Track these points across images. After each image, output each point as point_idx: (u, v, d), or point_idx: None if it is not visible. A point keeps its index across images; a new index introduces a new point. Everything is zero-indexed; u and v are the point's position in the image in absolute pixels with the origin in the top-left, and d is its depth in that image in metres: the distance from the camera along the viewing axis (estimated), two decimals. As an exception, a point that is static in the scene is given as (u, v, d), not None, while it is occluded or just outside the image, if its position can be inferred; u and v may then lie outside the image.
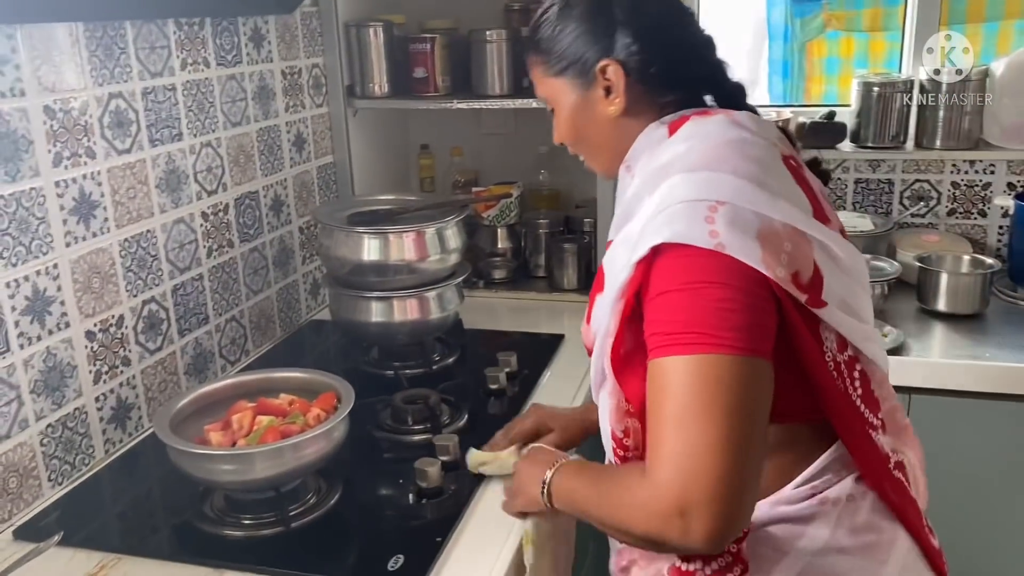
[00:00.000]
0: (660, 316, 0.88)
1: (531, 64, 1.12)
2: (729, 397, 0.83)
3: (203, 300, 1.64)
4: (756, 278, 0.86)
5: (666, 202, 0.91)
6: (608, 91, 1.05)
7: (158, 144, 1.49)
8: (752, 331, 0.85)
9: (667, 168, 0.96)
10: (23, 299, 1.24)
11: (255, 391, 1.33)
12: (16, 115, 1.21)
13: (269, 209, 1.83)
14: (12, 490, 1.24)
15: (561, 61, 1.07)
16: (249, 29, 1.73)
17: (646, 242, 0.90)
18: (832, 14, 2.87)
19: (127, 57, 1.41)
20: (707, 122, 1.00)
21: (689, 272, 0.87)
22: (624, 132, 1.06)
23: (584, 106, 1.08)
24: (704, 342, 0.84)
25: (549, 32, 1.08)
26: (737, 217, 0.88)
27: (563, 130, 1.12)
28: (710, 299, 0.85)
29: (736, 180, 0.91)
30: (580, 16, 1.06)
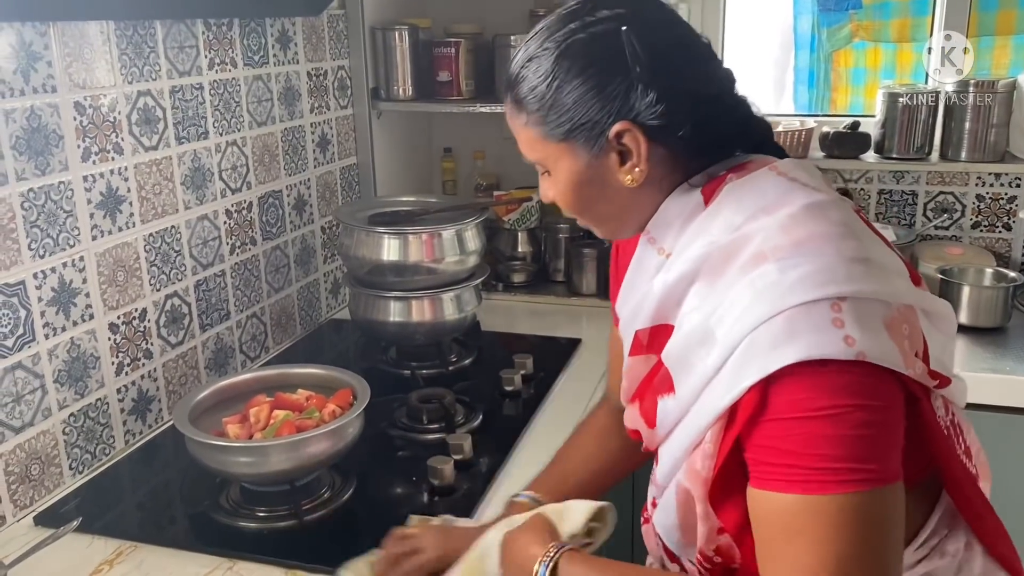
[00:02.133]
0: (789, 446, 0.75)
1: (517, 122, 0.92)
2: (882, 534, 0.75)
3: (225, 296, 1.66)
4: (893, 383, 0.77)
5: (772, 305, 0.76)
6: (623, 157, 0.88)
7: (184, 142, 1.52)
8: (893, 454, 0.76)
9: (730, 251, 0.82)
10: (50, 290, 1.27)
11: (273, 386, 1.35)
12: (47, 110, 1.24)
13: (292, 208, 1.85)
14: (34, 477, 1.26)
15: (563, 125, 0.88)
16: (276, 30, 1.76)
17: (766, 363, 0.76)
18: (859, 24, 2.86)
19: (156, 56, 1.44)
20: (753, 182, 0.86)
21: (827, 394, 0.74)
22: (642, 201, 0.91)
23: (592, 175, 0.89)
24: (851, 478, 0.74)
25: (543, 88, 0.87)
26: (863, 312, 0.76)
27: (562, 199, 0.94)
28: (854, 425, 0.74)
29: (847, 265, 0.77)
30: (584, 70, 0.86)
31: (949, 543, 0.90)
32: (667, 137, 0.86)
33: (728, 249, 0.82)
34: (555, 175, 0.92)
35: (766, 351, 0.76)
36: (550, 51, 0.87)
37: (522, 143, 0.93)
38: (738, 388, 0.78)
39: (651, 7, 0.90)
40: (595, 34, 0.86)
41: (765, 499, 0.78)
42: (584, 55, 0.86)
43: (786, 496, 0.76)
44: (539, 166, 0.94)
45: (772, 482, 0.77)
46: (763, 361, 0.76)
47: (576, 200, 0.93)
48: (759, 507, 0.79)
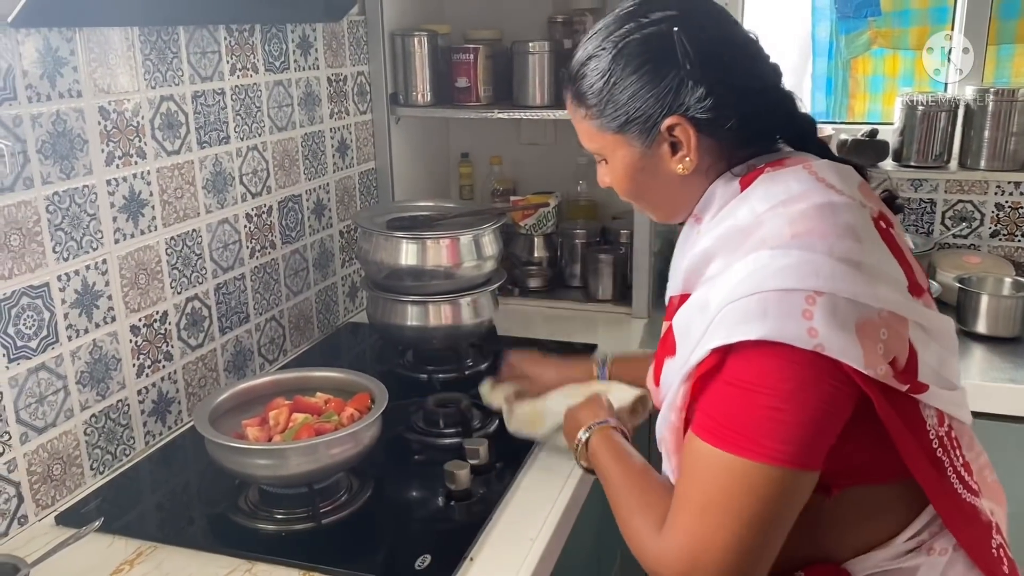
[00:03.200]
0: (720, 404, 0.85)
1: (577, 115, 1.02)
2: (758, 507, 0.83)
3: (244, 299, 1.67)
4: (845, 381, 0.82)
5: (754, 285, 0.83)
6: (674, 148, 0.96)
7: (206, 146, 1.53)
8: (811, 446, 0.83)
9: (746, 233, 0.89)
10: (73, 292, 1.28)
11: (292, 389, 1.36)
12: (72, 115, 1.26)
13: (311, 212, 1.87)
14: (56, 477, 1.28)
15: (618, 118, 0.96)
16: (297, 36, 1.77)
17: (731, 332, 0.83)
18: (878, 31, 2.85)
19: (179, 61, 1.46)
20: (784, 176, 0.92)
21: (773, 374, 0.82)
22: (691, 188, 0.99)
23: (645, 163, 0.98)
24: (754, 449, 0.82)
25: (601, 84, 0.96)
26: (836, 310, 0.81)
27: (619, 184, 1.03)
28: (781, 410, 0.81)
29: (833, 264, 0.83)
30: (639, 68, 0.94)
31: (937, 542, 0.94)
32: (715, 129, 0.94)
33: (744, 232, 0.89)
34: (611, 164, 1.02)
35: (735, 323, 0.83)
36: (607, 50, 0.96)
37: (581, 134, 1.03)
38: (704, 349, 0.86)
39: (701, 7, 0.97)
40: (649, 35, 0.94)
41: (690, 441, 0.88)
42: (639, 54, 0.94)
43: (701, 443, 0.86)
44: (596, 155, 1.04)
45: (699, 428, 0.87)
46: (729, 330, 0.84)
47: (631, 187, 1.02)
48: (686, 447, 0.89)
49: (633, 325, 1.98)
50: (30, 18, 1.12)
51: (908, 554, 0.93)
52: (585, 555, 1.50)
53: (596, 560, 1.60)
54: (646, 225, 1.97)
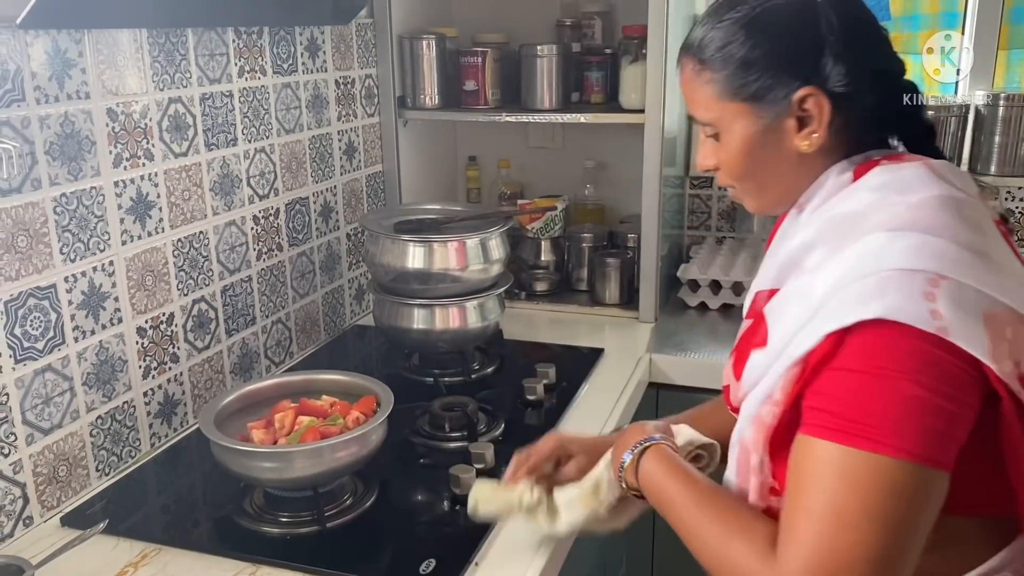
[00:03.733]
0: (840, 394, 0.77)
1: (697, 80, 0.94)
2: (898, 509, 0.74)
3: (251, 301, 1.67)
4: (970, 374, 0.75)
5: (870, 266, 0.78)
6: (801, 123, 0.90)
7: (214, 148, 1.53)
8: (942, 440, 0.75)
9: (855, 221, 0.84)
10: (80, 294, 1.28)
11: (298, 392, 1.36)
12: (81, 116, 1.26)
13: (318, 215, 1.87)
14: (61, 478, 1.28)
15: (747, 84, 0.90)
16: (305, 39, 1.77)
17: (848, 313, 0.77)
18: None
19: (187, 63, 1.46)
20: (901, 169, 0.87)
21: (895, 356, 0.75)
22: (806, 171, 0.93)
23: (767, 138, 0.92)
24: (886, 441, 0.74)
25: (735, 46, 0.90)
26: (962, 296, 0.76)
27: (732, 161, 0.95)
28: (909, 395, 0.74)
29: (958, 250, 0.78)
30: (779, 32, 0.89)
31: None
32: (849, 107, 0.89)
33: (853, 220, 0.84)
34: (727, 137, 0.94)
35: (851, 304, 0.77)
36: (745, 13, 0.90)
37: (697, 102, 0.95)
38: (816, 336, 0.79)
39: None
40: (792, 1, 0.90)
41: (807, 445, 0.79)
42: (780, 18, 0.89)
43: (820, 442, 0.77)
44: (709, 127, 0.96)
45: (815, 427, 0.78)
46: (845, 312, 0.77)
47: (745, 163, 0.94)
48: (799, 453, 0.80)
49: (640, 329, 1.97)
50: (39, 20, 1.12)
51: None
52: (591, 560, 1.49)
53: (602, 566, 1.60)
54: (654, 229, 1.97)
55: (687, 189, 2.36)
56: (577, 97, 2.13)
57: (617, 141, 2.27)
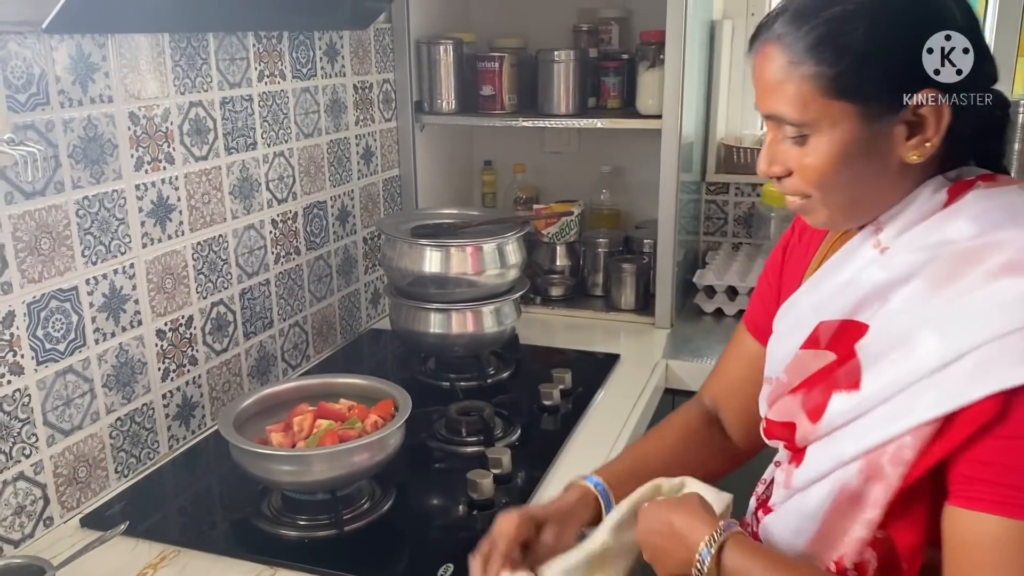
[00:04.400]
0: (1009, 463, 0.72)
1: (795, 72, 0.80)
2: None
3: (269, 305, 1.68)
4: None
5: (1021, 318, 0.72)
6: (911, 129, 0.80)
7: (233, 152, 1.54)
8: None
9: (966, 257, 0.77)
10: (101, 296, 1.29)
11: (316, 395, 1.37)
12: (103, 120, 1.27)
13: (336, 219, 1.87)
14: (81, 479, 1.29)
15: (863, 81, 0.78)
16: (324, 44, 1.78)
17: (1010, 373, 0.71)
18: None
19: (208, 67, 1.47)
20: (1004, 194, 0.80)
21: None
22: (900, 186, 0.84)
23: (869, 146, 0.81)
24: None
25: (851, 36, 0.78)
26: None
27: (822, 169, 0.82)
28: None
29: None
30: (903, 21, 0.78)
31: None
32: (963, 113, 0.80)
33: (967, 256, 0.77)
34: (821, 140, 0.81)
35: (1013, 363, 0.71)
36: (861, 6, 0.79)
37: (788, 99, 0.81)
38: (966, 396, 0.73)
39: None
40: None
41: (973, 520, 0.73)
42: (905, 6, 0.80)
43: (1001, 520, 0.71)
44: (795, 128, 0.82)
45: (985, 503, 0.72)
46: (1007, 373, 0.71)
47: (839, 172, 0.82)
48: (963, 528, 0.74)
49: (655, 335, 1.97)
50: (64, 24, 1.13)
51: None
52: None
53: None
54: (670, 234, 1.96)
55: (703, 194, 2.36)
56: (594, 102, 2.13)
57: (633, 146, 2.27)
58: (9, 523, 1.18)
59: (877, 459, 0.80)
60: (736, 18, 2.30)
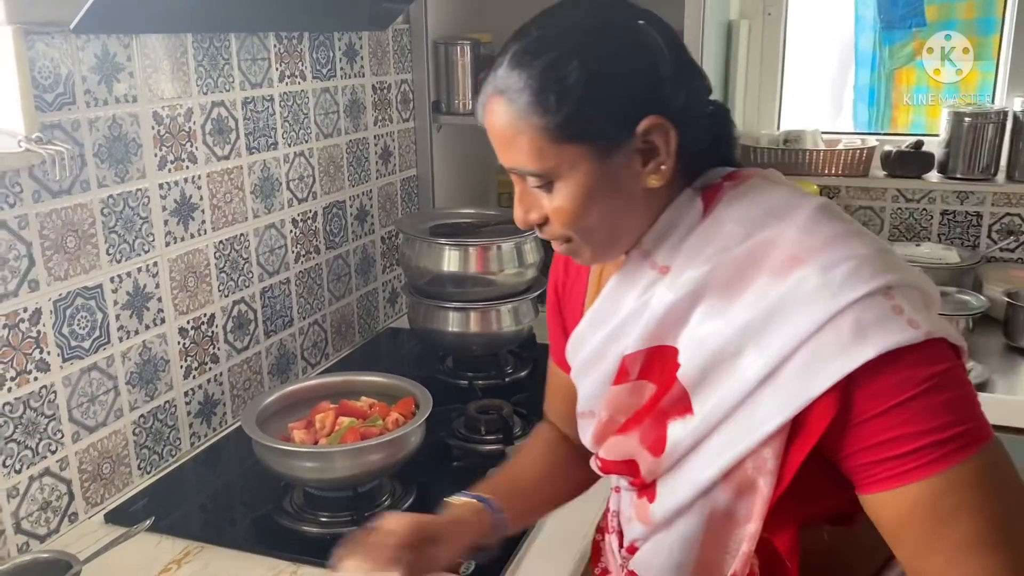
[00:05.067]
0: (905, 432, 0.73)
1: (526, 129, 0.80)
2: (1016, 479, 0.75)
3: (289, 303, 1.69)
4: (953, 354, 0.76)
5: (829, 305, 0.74)
6: (645, 157, 0.82)
7: (255, 152, 1.55)
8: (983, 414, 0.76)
9: (750, 260, 0.79)
10: (125, 294, 1.30)
11: (337, 393, 1.37)
12: (128, 120, 1.28)
13: (354, 218, 1.88)
14: (105, 475, 1.30)
15: (590, 123, 0.80)
16: (344, 44, 1.79)
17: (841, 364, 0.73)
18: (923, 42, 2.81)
19: (230, 68, 1.48)
20: (753, 189, 0.85)
21: (915, 373, 0.73)
22: (649, 208, 0.85)
23: (610, 180, 0.82)
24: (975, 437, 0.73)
25: (567, 81, 0.78)
26: (910, 297, 0.75)
27: (573, 210, 0.83)
28: (954, 386, 0.74)
29: (879, 256, 0.77)
30: (615, 60, 0.80)
31: None
32: (690, 131, 0.83)
33: (745, 259, 0.79)
34: (565, 184, 0.82)
35: (838, 352, 0.73)
36: (574, 44, 0.80)
37: (525, 152, 0.82)
38: (805, 396, 0.75)
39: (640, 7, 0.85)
40: (615, 28, 0.81)
41: (898, 497, 0.74)
42: (613, 48, 0.80)
43: (923, 483, 0.72)
44: (538, 179, 0.83)
45: (899, 477, 0.73)
46: (839, 363, 0.73)
47: (589, 211, 0.83)
48: (891, 508, 0.75)
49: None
50: (91, 25, 1.14)
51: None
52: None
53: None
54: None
55: (720, 195, 2.35)
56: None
57: (650, 146, 2.27)
58: (35, 518, 1.19)
59: (742, 474, 0.80)
60: (753, 18, 2.30)
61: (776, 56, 2.35)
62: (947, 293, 1.95)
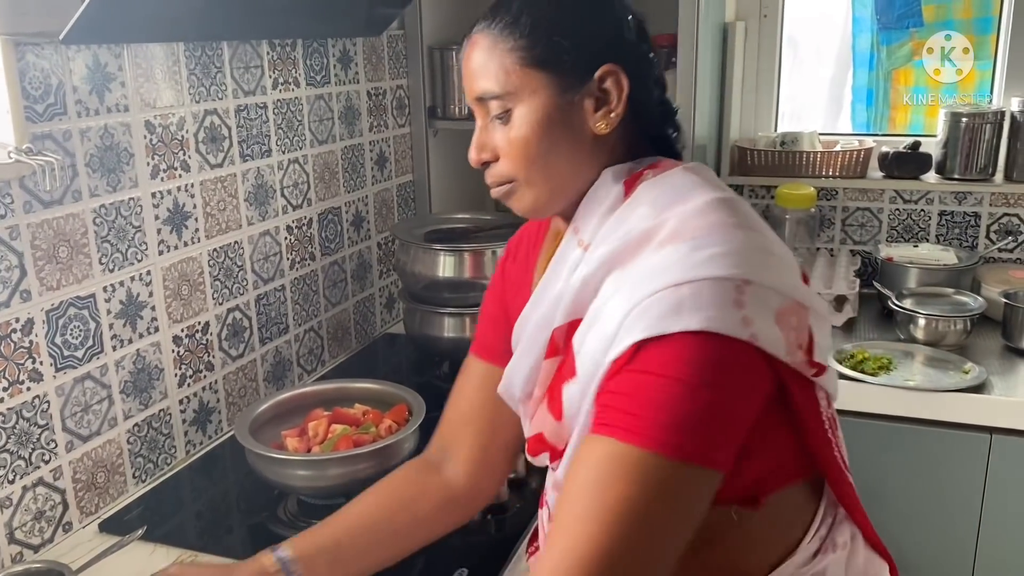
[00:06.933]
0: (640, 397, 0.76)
1: (498, 48, 0.88)
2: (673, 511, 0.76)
3: (284, 310, 1.69)
4: (765, 373, 0.79)
5: (682, 274, 0.77)
6: (598, 103, 0.88)
7: (248, 159, 1.56)
8: (724, 443, 0.77)
9: (646, 238, 0.83)
10: (118, 303, 1.30)
11: (331, 400, 1.37)
12: (120, 129, 1.28)
13: (350, 224, 1.88)
14: (99, 484, 1.30)
15: (556, 51, 0.87)
16: (338, 51, 1.79)
17: (660, 323, 0.76)
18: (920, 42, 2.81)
19: (223, 76, 1.48)
20: (668, 179, 0.88)
21: (698, 364, 0.75)
22: (588, 164, 0.91)
23: (563, 116, 0.88)
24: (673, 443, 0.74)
25: (544, 10, 0.88)
26: (764, 299, 0.78)
27: (525, 140, 0.88)
28: (705, 402, 0.75)
29: (752, 252, 0.80)
30: (585, 5, 0.89)
31: (838, 534, 0.92)
32: (639, 98, 0.89)
33: (643, 236, 0.84)
34: (523, 110, 0.88)
35: (664, 314, 0.76)
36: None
37: (493, 74, 0.88)
38: (627, 342, 0.78)
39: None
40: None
41: (591, 442, 0.78)
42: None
43: (607, 440, 0.76)
44: (501, 103, 0.89)
45: (604, 427, 0.77)
46: (657, 321, 0.76)
47: (540, 142, 0.88)
48: (583, 450, 0.79)
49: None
50: (80, 35, 1.14)
51: (815, 557, 0.91)
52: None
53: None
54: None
55: (717, 197, 2.35)
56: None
57: (647, 150, 2.27)
58: (29, 528, 1.19)
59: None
60: (749, 20, 2.30)
61: (773, 58, 2.35)
62: (945, 294, 1.95)
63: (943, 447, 1.69)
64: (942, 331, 1.84)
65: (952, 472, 1.70)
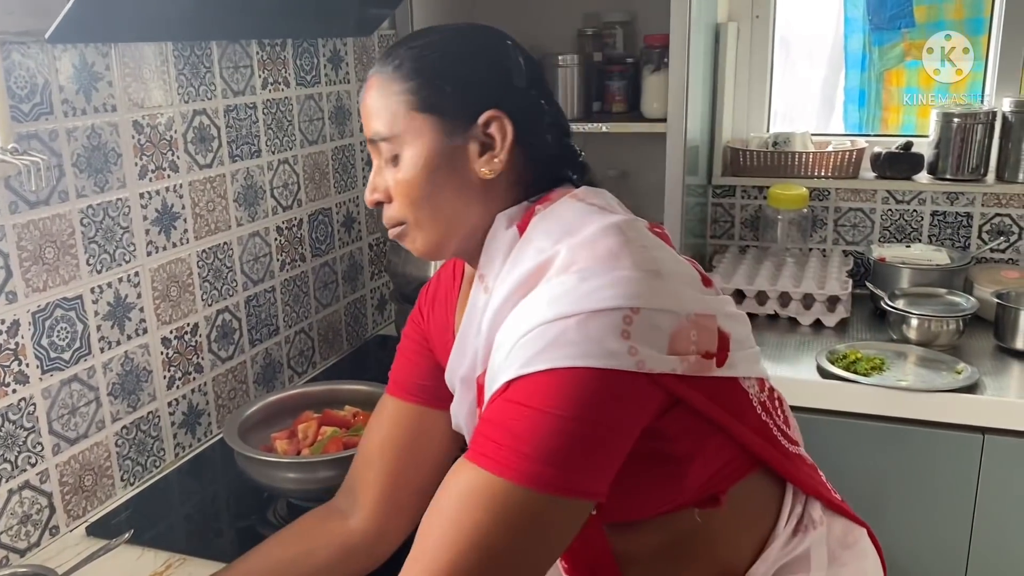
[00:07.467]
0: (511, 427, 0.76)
1: (388, 90, 0.90)
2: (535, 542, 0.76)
3: (274, 312, 1.68)
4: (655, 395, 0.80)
5: (568, 306, 0.78)
6: (483, 148, 0.89)
7: (238, 160, 1.55)
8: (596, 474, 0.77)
9: (539, 272, 0.84)
10: (106, 304, 1.29)
11: (321, 402, 1.37)
12: (107, 129, 1.27)
13: (341, 225, 1.88)
14: (87, 488, 1.29)
15: (440, 97, 0.88)
16: (328, 51, 1.78)
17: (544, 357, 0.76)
18: (912, 43, 2.81)
19: (212, 76, 1.47)
20: (557, 211, 0.89)
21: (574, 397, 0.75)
22: (478, 207, 0.91)
23: (448, 160, 0.89)
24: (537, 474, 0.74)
25: (430, 58, 0.89)
26: (653, 324, 0.78)
27: (411, 182, 0.89)
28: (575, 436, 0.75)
29: (640, 278, 0.80)
30: (477, 51, 0.92)
31: (812, 510, 0.94)
32: (527, 140, 0.90)
33: (537, 271, 0.84)
34: (409, 154, 0.89)
35: (547, 347, 0.76)
36: (442, 36, 0.92)
37: (383, 118, 0.90)
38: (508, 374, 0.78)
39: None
40: (488, 33, 0.94)
41: (459, 467, 0.78)
42: (475, 45, 0.92)
43: (470, 467, 0.76)
44: (390, 147, 0.90)
45: (471, 453, 0.78)
46: (542, 355, 0.76)
47: (424, 184, 0.89)
48: (450, 476, 0.79)
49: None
50: (66, 34, 1.13)
51: (794, 538, 0.93)
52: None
53: None
54: (676, 238, 1.96)
55: (710, 198, 2.35)
56: (599, 106, 2.13)
57: (639, 150, 2.26)
58: (15, 532, 1.18)
59: None
60: (741, 21, 2.30)
61: (765, 59, 2.35)
62: (937, 295, 1.95)
63: (935, 447, 1.69)
64: (935, 331, 1.84)
65: (944, 472, 1.69)
